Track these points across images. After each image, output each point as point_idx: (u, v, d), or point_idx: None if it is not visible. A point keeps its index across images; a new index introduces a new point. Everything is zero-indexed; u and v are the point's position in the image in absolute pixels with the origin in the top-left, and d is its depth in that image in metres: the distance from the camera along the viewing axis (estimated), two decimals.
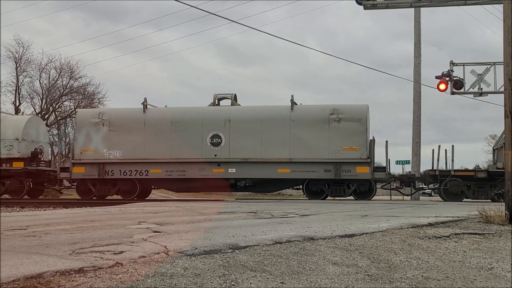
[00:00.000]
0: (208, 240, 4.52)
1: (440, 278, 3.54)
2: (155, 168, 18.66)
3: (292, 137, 17.85)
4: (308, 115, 18.12)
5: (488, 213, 6.82)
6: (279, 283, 3.20)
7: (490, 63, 19.04)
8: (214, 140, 18.28)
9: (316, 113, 18.13)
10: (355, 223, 6.53)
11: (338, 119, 17.71)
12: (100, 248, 4.02)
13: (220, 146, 18.25)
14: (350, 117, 17.72)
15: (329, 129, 17.67)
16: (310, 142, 17.75)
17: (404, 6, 16.85)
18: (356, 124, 17.64)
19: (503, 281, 3.59)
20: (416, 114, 24.21)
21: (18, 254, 3.74)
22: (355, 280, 3.40)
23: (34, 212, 12.44)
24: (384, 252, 4.35)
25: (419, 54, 24.47)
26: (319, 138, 17.72)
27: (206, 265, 3.46)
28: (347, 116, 17.73)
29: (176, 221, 6.84)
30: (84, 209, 11.17)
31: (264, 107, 19.25)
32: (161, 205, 12.14)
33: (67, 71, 39.98)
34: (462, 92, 19.34)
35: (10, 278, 2.89)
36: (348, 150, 17.50)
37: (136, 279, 3.04)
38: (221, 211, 9.45)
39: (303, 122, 17.94)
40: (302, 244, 4.45)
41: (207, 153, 18.27)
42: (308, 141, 17.77)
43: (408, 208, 10.86)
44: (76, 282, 2.93)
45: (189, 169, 18.45)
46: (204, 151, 18.28)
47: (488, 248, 4.82)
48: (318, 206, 11.53)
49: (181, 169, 18.51)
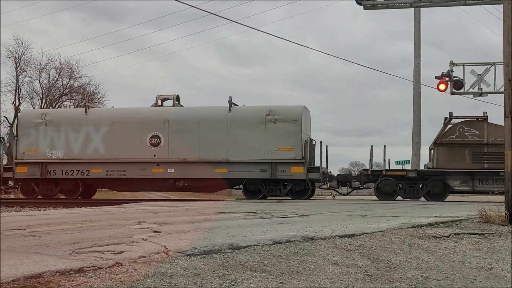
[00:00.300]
0: (208, 240, 4.53)
1: (440, 278, 3.54)
2: (96, 168, 19.02)
3: (229, 138, 18.23)
4: (245, 116, 18.50)
5: (488, 213, 6.82)
6: (279, 283, 3.20)
7: (490, 63, 19.04)
8: (154, 141, 18.65)
9: (253, 114, 18.51)
10: (355, 223, 6.54)
11: (274, 120, 18.04)
12: (100, 248, 4.02)
13: (159, 146, 18.59)
14: (285, 118, 18.05)
15: (265, 129, 18.01)
16: (247, 143, 18.08)
17: (404, 6, 16.85)
18: (291, 125, 17.96)
19: (503, 281, 3.59)
20: (416, 114, 24.22)
21: (18, 254, 3.74)
22: (355, 280, 3.40)
23: (34, 212, 12.45)
24: (384, 252, 4.35)
25: (419, 54, 24.48)
26: (256, 139, 18.06)
27: (206, 265, 3.46)
28: (283, 117, 18.06)
29: (176, 221, 6.84)
30: (84, 209, 11.17)
31: (203, 108, 19.69)
32: (161, 205, 12.14)
33: (67, 71, 40.04)
34: (462, 92, 19.34)
35: (10, 278, 2.89)
36: (283, 151, 17.82)
37: (136, 279, 3.04)
38: (221, 211, 9.45)
39: (241, 123, 18.31)
40: (302, 244, 4.45)
41: (147, 153, 18.63)
42: (245, 142, 18.12)
43: (408, 208, 10.86)
44: (76, 282, 2.93)
45: (129, 169, 18.81)
46: (144, 151, 18.65)
47: (488, 248, 4.82)
48: (318, 206, 11.53)
49: (121, 169, 18.88)
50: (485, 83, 19.04)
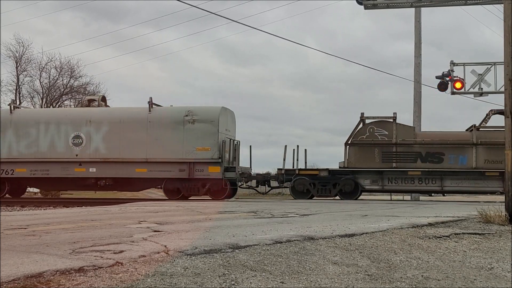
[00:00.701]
0: (208, 239, 4.53)
1: (440, 278, 3.54)
2: (20, 167, 19.36)
3: (149, 138, 18.57)
4: (165, 116, 18.88)
5: (488, 213, 6.82)
6: (279, 283, 3.20)
7: (490, 63, 19.05)
8: (76, 141, 18.97)
9: (172, 114, 18.89)
10: (355, 222, 6.54)
11: (192, 121, 18.39)
12: (100, 247, 4.02)
13: (81, 146, 18.92)
14: (203, 119, 18.42)
15: (184, 130, 18.37)
16: (166, 143, 18.45)
17: (405, 6, 16.87)
18: (209, 126, 18.32)
19: (503, 281, 3.59)
20: (416, 114, 24.22)
21: (18, 253, 3.75)
22: (355, 280, 3.40)
23: (34, 211, 12.45)
24: (384, 252, 4.35)
25: (420, 54, 24.48)
26: (175, 139, 18.44)
27: (206, 265, 3.46)
28: (201, 118, 18.42)
29: (176, 221, 6.84)
30: (85, 209, 11.18)
31: (123, 109, 20.10)
32: (161, 205, 12.14)
33: (67, 70, 40.03)
34: (462, 92, 19.36)
35: (11, 277, 2.89)
36: (201, 151, 18.18)
37: (136, 278, 3.04)
38: (222, 210, 9.46)
39: (160, 124, 18.67)
40: (302, 243, 4.45)
41: (69, 153, 18.97)
42: (164, 142, 18.48)
43: (409, 208, 10.86)
44: (76, 281, 2.93)
45: (52, 168, 19.12)
46: (67, 151, 18.99)
47: (488, 248, 4.82)
48: (318, 206, 11.54)
49: (44, 169, 19.20)
50: (485, 83, 19.05)
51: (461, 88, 19.08)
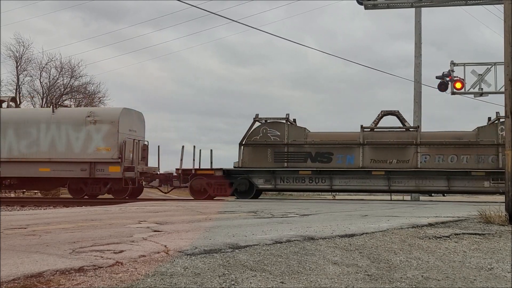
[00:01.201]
0: (208, 239, 4.53)
1: (440, 278, 3.54)
2: None
3: (52, 138, 19.07)
4: (68, 117, 19.42)
5: (488, 214, 6.82)
6: (279, 283, 3.20)
7: (490, 63, 19.04)
8: None
9: (75, 115, 19.53)
10: (355, 223, 6.54)
11: (94, 121, 18.90)
12: (100, 247, 4.02)
13: None
14: (104, 120, 18.91)
15: (86, 130, 18.91)
16: (69, 143, 18.98)
17: (405, 6, 16.86)
18: (110, 126, 18.78)
19: (503, 282, 3.59)
20: (416, 114, 24.21)
21: (18, 253, 3.75)
22: (355, 280, 3.40)
23: (34, 211, 12.45)
24: (384, 252, 4.35)
25: (420, 54, 24.47)
26: (77, 139, 18.95)
27: (206, 265, 3.46)
28: (102, 119, 18.93)
29: (176, 221, 6.84)
30: (85, 208, 11.18)
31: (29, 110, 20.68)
32: (161, 205, 12.14)
33: (67, 70, 40.02)
34: (462, 92, 19.35)
35: (10, 277, 2.89)
36: (102, 151, 18.71)
37: (136, 278, 3.04)
38: (221, 210, 9.46)
39: (63, 124, 19.15)
40: (302, 243, 4.45)
41: None
42: (67, 142, 19.01)
43: (409, 208, 10.87)
44: (76, 281, 2.93)
45: None
46: None
47: (488, 249, 4.82)
48: (318, 206, 11.54)
49: None
50: (486, 83, 19.05)
51: (461, 88, 19.10)
